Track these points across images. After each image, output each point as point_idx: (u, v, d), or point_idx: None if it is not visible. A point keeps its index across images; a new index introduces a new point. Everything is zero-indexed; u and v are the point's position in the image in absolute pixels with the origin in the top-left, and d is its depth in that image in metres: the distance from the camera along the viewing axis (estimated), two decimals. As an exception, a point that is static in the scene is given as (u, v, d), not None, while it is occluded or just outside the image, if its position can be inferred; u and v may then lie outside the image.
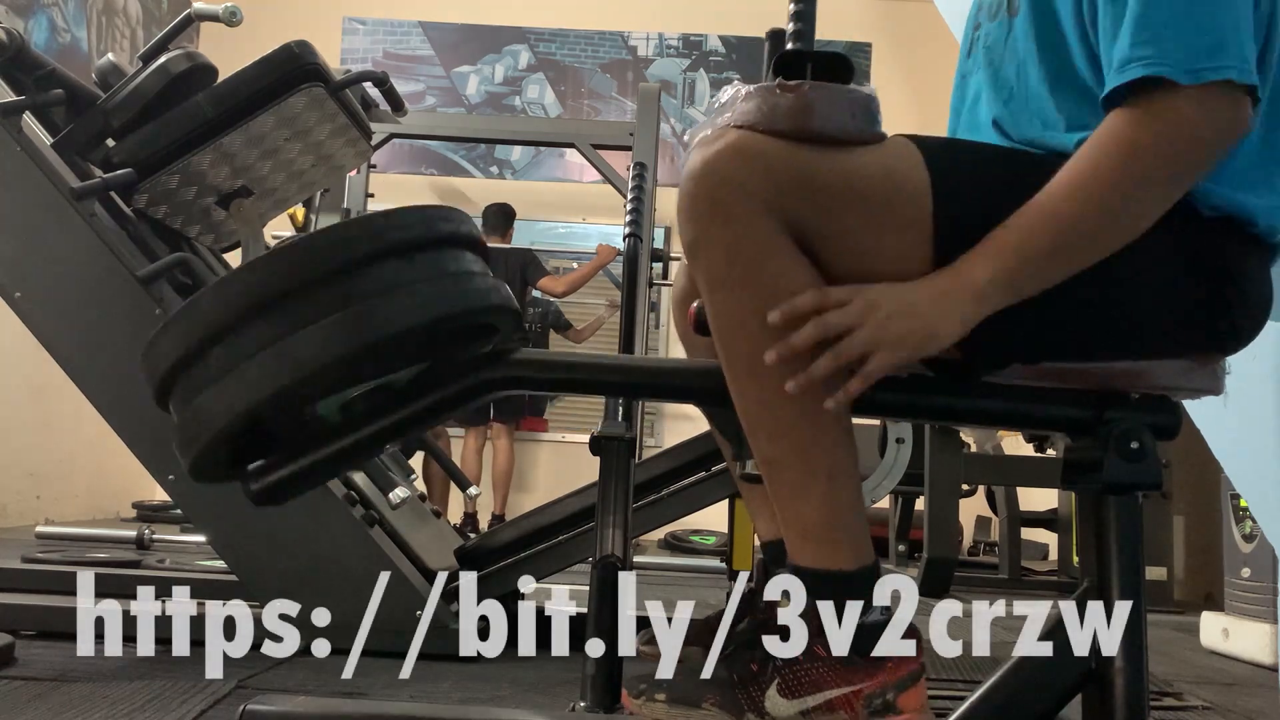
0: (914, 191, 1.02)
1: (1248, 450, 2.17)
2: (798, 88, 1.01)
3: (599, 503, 1.71)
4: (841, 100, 1.02)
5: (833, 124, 1.01)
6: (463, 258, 1.11)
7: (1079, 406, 1.12)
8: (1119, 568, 1.08)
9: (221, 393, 1.02)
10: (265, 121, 2.24)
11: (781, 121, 1.00)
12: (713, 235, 1.01)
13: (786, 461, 1.05)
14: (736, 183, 1.00)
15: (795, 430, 1.04)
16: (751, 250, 1.01)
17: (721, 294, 1.03)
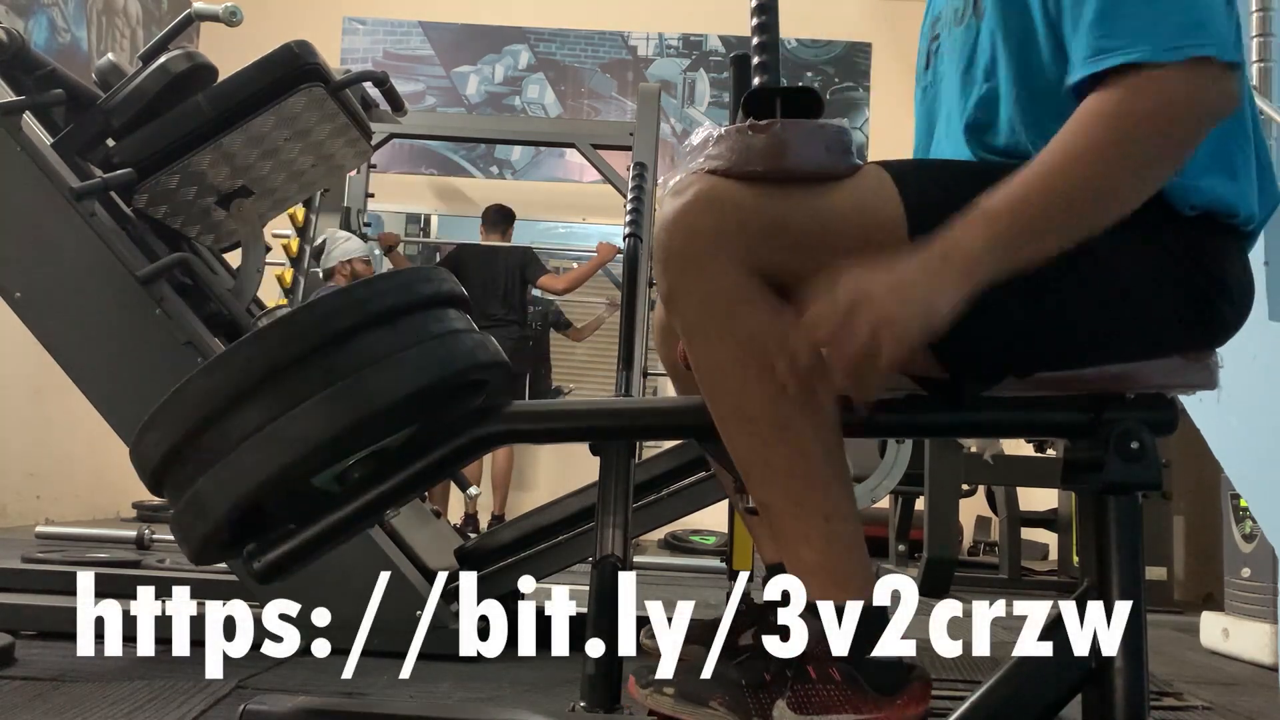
0: (888, 222, 1.02)
1: (1248, 450, 2.17)
2: (769, 127, 1.00)
3: (599, 503, 1.71)
4: (815, 136, 1.01)
5: (807, 160, 1.00)
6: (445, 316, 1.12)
7: (1076, 411, 1.12)
8: (1119, 568, 1.08)
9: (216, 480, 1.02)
10: (265, 121, 2.24)
11: (756, 162, 0.99)
12: (687, 287, 1.01)
13: (782, 507, 1.05)
14: (709, 234, 0.99)
15: (788, 475, 1.04)
16: (725, 301, 1.00)
17: (700, 344, 1.04)
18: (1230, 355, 1.15)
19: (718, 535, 5.06)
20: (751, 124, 1.01)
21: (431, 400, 1.12)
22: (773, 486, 1.05)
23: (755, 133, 1.00)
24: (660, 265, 1.03)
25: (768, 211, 1.00)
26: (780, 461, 1.03)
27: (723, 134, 1.02)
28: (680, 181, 1.03)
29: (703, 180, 1.01)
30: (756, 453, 1.04)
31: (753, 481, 1.06)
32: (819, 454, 1.04)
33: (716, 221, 0.99)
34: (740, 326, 1.01)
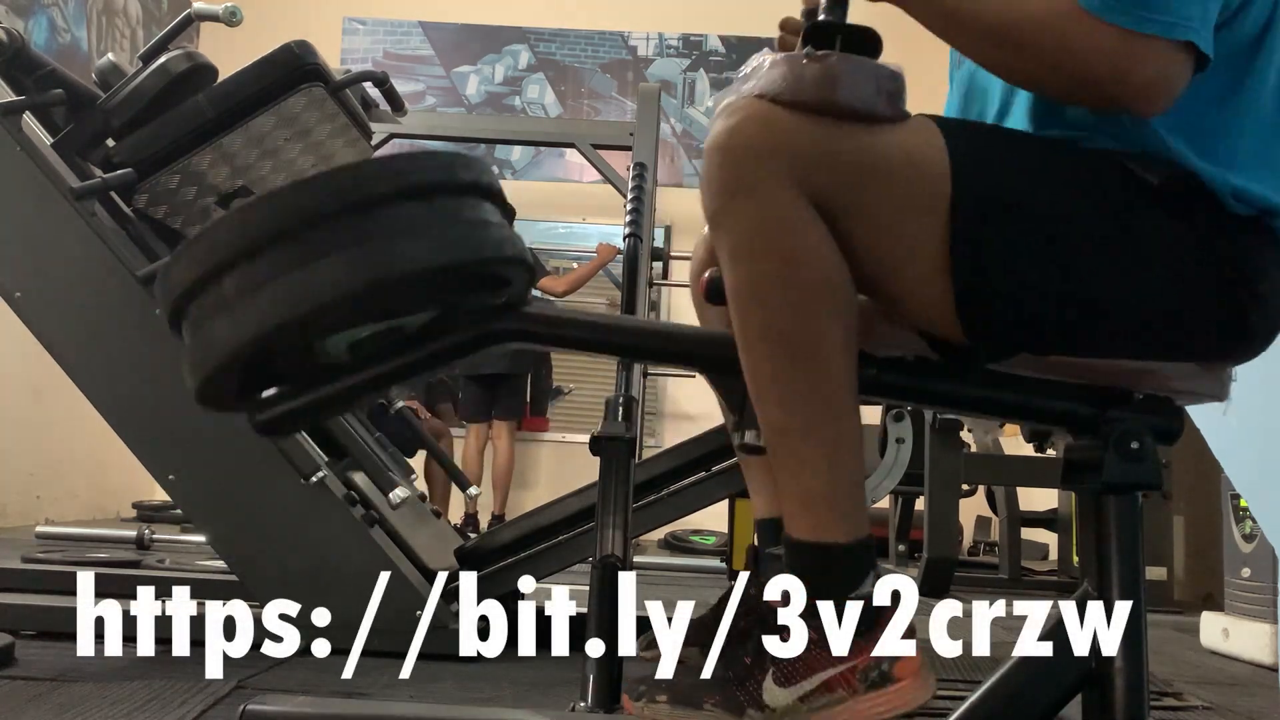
0: (934, 175, 1.03)
1: (1248, 450, 2.17)
2: (825, 58, 1.01)
3: (599, 503, 1.71)
4: (868, 74, 1.02)
5: (857, 98, 1.01)
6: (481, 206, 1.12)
7: (1081, 403, 1.12)
8: (1119, 568, 1.08)
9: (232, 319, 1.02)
10: (265, 121, 2.24)
11: (807, 91, 1.00)
12: (736, 206, 1.02)
13: (794, 431, 1.05)
14: (759, 155, 1.00)
15: (805, 400, 1.04)
16: (774, 222, 1.01)
17: (744, 265, 1.03)
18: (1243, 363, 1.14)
19: (718, 535, 5.06)
20: (808, 53, 1.01)
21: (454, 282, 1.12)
22: (790, 407, 1.04)
23: (810, 62, 1.01)
24: (709, 185, 1.03)
25: (818, 140, 1.00)
26: (802, 382, 1.03)
27: (777, 60, 1.03)
28: (731, 103, 1.03)
29: (754, 104, 1.01)
30: (781, 371, 1.04)
31: (770, 402, 1.06)
32: (841, 379, 1.04)
33: (767, 140, 1.00)
34: (787, 243, 1.01)
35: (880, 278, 1.06)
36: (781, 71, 1.01)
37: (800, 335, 1.02)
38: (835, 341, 1.03)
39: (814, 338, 1.02)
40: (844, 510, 1.05)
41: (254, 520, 2.20)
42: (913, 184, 1.02)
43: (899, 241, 1.03)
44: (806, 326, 1.02)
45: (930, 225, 1.02)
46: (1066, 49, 1.00)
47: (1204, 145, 1.06)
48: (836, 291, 1.03)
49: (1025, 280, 1.03)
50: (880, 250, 1.04)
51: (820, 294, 1.02)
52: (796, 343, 1.02)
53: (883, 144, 1.02)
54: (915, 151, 1.03)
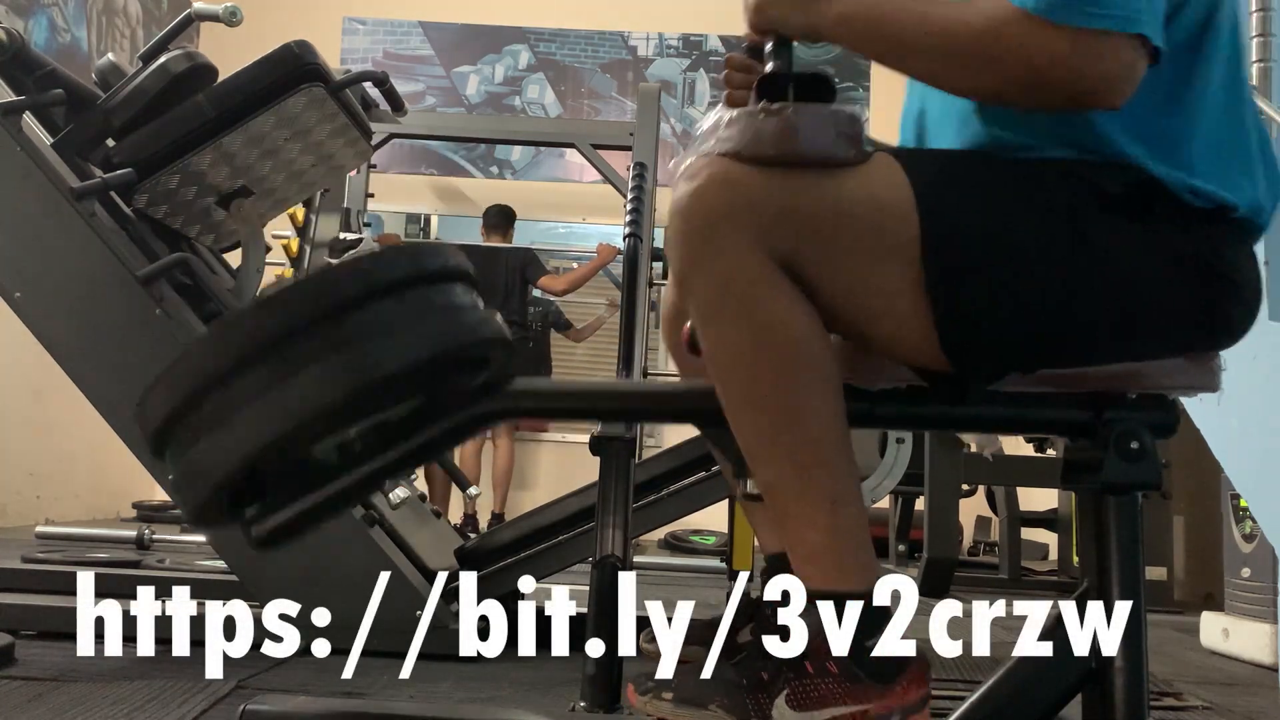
0: (900, 215, 1.02)
1: (1248, 450, 2.17)
2: (781, 111, 1.00)
3: (599, 503, 1.71)
4: (825, 121, 1.02)
5: (819, 146, 1.01)
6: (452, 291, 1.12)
7: (1077, 409, 1.12)
8: (1119, 568, 1.08)
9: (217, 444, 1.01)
10: (265, 121, 2.24)
11: (767, 146, 1.00)
12: (703, 269, 1.02)
13: (788, 490, 1.05)
14: (724, 216, 1.00)
15: (796, 459, 1.04)
16: (743, 284, 1.01)
17: (714, 328, 1.04)
18: (1230, 355, 1.15)
19: (718, 535, 5.06)
20: (764, 107, 1.01)
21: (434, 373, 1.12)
22: (780, 469, 1.04)
23: (767, 116, 1.00)
24: (674, 247, 1.03)
25: (781, 195, 1.00)
26: (789, 444, 1.03)
27: (734, 117, 1.02)
28: (692, 165, 1.03)
29: (715, 163, 1.01)
30: (765, 435, 1.04)
31: (759, 464, 1.06)
32: (827, 438, 1.04)
33: (730, 202, 1.00)
34: (755, 309, 1.01)
35: (860, 323, 1.06)
36: (740, 128, 1.01)
37: (780, 399, 1.02)
38: (817, 398, 1.03)
39: (794, 400, 1.02)
40: (850, 562, 1.05)
41: (254, 520, 2.19)
42: (879, 227, 1.02)
43: (873, 287, 1.03)
44: (783, 392, 1.02)
45: (902, 267, 1.02)
46: (1018, 56, 0.99)
47: (1159, 148, 1.06)
48: (812, 352, 1.03)
49: (1003, 304, 1.03)
50: (855, 298, 1.04)
51: (794, 358, 1.02)
52: (776, 407, 1.02)
53: (846, 192, 1.02)
54: (879, 195, 1.03)
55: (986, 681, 1.12)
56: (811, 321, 1.03)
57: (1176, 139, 1.07)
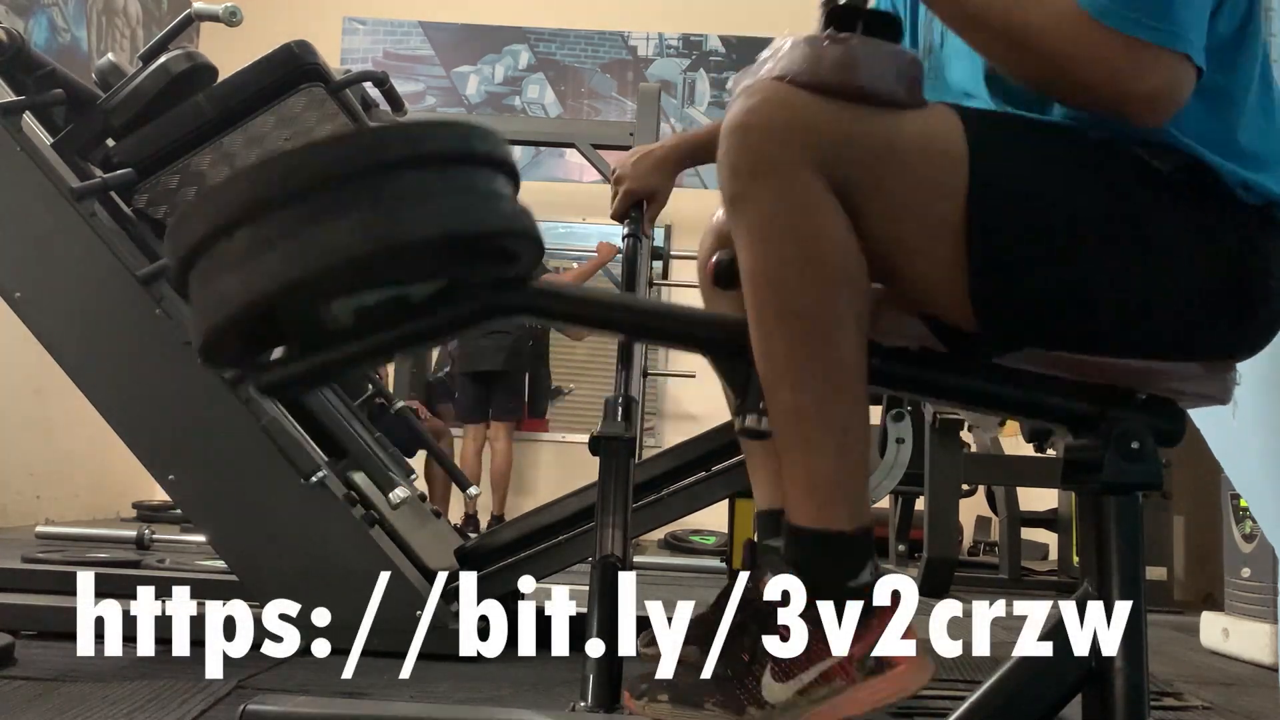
0: (952, 159, 1.03)
1: (1248, 450, 2.17)
2: (845, 41, 1.01)
3: (599, 503, 1.71)
4: (888, 59, 1.02)
5: (878, 82, 1.01)
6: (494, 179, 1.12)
7: (1083, 401, 1.11)
8: (1119, 568, 1.08)
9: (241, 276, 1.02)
10: (265, 121, 2.24)
11: (827, 74, 1.00)
12: (755, 189, 1.02)
13: (805, 412, 1.04)
14: (778, 137, 1.00)
15: (819, 382, 1.04)
16: (793, 203, 1.01)
17: (762, 246, 1.03)
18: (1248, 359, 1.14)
19: (718, 535, 5.06)
20: (829, 35, 1.01)
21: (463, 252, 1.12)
22: (802, 389, 1.04)
23: (831, 43, 1.00)
24: (728, 168, 1.03)
25: (838, 121, 1.00)
26: (816, 363, 1.03)
27: (798, 41, 1.02)
28: (750, 85, 1.03)
29: (774, 86, 1.01)
30: (794, 353, 1.04)
31: (781, 383, 1.05)
32: (854, 362, 1.04)
33: (788, 122, 1.00)
34: (806, 226, 1.01)
35: (895, 262, 1.06)
36: (802, 53, 1.01)
37: (816, 315, 1.02)
38: (850, 325, 1.03)
39: (830, 320, 1.02)
40: (849, 497, 1.05)
41: (254, 520, 2.20)
42: (931, 168, 1.03)
43: (915, 225, 1.04)
44: (823, 307, 1.02)
45: (947, 210, 1.03)
46: (1070, 55, 1.00)
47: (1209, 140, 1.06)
48: (853, 276, 1.03)
49: (1039, 269, 1.04)
50: (896, 234, 1.04)
51: (838, 277, 1.02)
52: (812, 323, 1.02)
53: (902, 128, 1.03)
54: (934, 136, 1.03)
55: (986, 681, 1.12)
56: (856, 248, 1.03)
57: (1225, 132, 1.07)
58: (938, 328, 1.11)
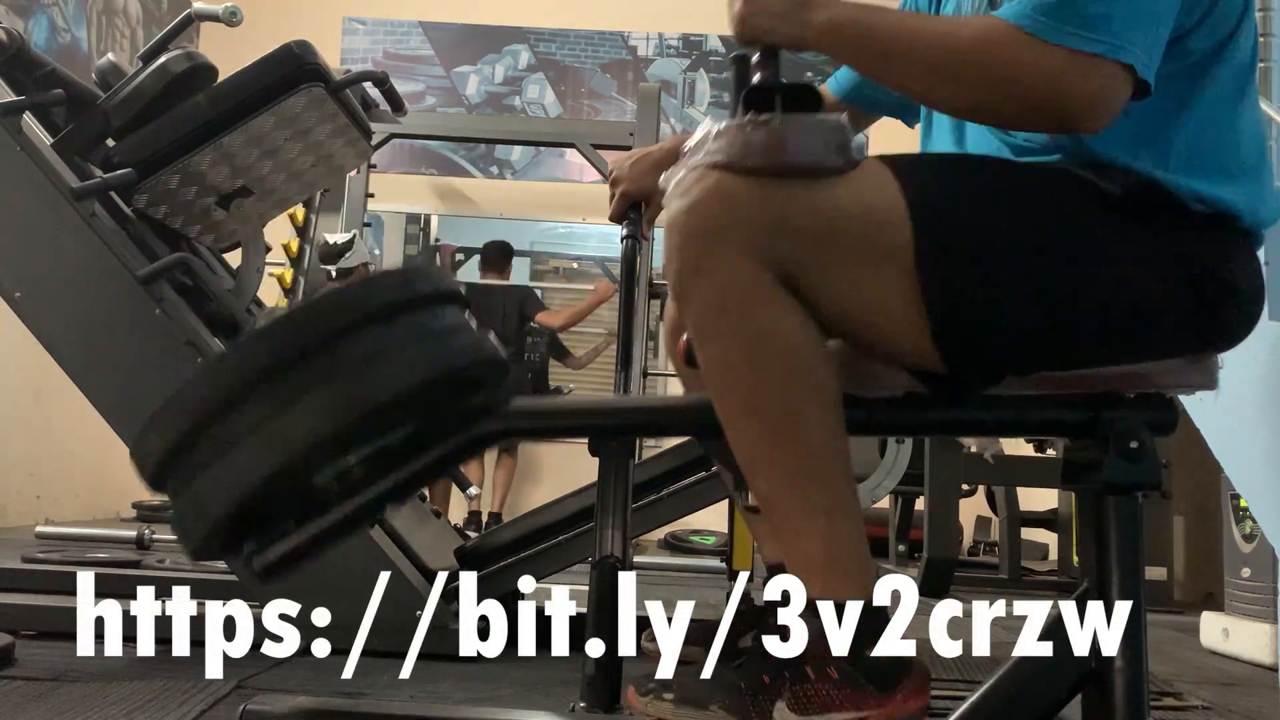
0: (892, 222, 1.02)
1: (1248, 450, 2.17)
2: (768, 122, 1.00)
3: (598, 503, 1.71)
4: (813, 131, 1.01)
5: (807, 156, 1.01)
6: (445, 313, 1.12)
7: (1076, 410, 1.12)
8: (1119, 568, 1.08)
9: (215, 480, 1.01)
10: (265, 121, 2.24)
11: (755, 157, 1.00)
12: (699, 283, 1.02)
13: (785, 502, 1.05)
14: (718, 230, 1.00)
15: (790, 473, 1.04)
16: (738, 296, 1.01)
17: (711, 343, 1.04)
18: (1230, 355, 1.15)
19: (718, 535, 5.06)
20: (751, 119, 1.01)
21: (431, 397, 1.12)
22: (777, 481, 1.04)
23: (755, 128, 1.00)
24: (671, 262, 1.03)
25: (774, 207, 1.00)
26: (786, 456, 1.03)
27: (723, 129, 1.02)
28: (685, 179, 1.03)
29: (708, 176, 1.01)
30: (762, 447, 1.04)
31: (757, 476, 1.06)
32: (824, 449, 1.04)
33: (726, 215, 1.00)
34: (751, 321, 1.01)
35: (856, 329, 1.06)
36: (728, 140, 1.01)
37: (776, 409, 1.02)
38: (814, 409, 1.03)
39: (791, 410, 1.02)
40: (848, 572, 1.05)
41: (254, 520, 2.19)
42: (872, 235, 1.02)
43: (868, 292, 1.03)
44: (782, 400, 1.02)
45: (895, 271, 1.02)
46: (1009, 74, 1.00)
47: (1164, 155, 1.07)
48: (808, 363, 1.03)
49: (999, 307, 1.03)
50: (851, 305, 1.04)
51: (791, 368, 1.02)
52: (774, 416, 1.02)
53: (838, 199, 1.02)
54: (870, 201, 1.03)
55: (986, 681, 1.12)
56: (808, 332, 1.03)
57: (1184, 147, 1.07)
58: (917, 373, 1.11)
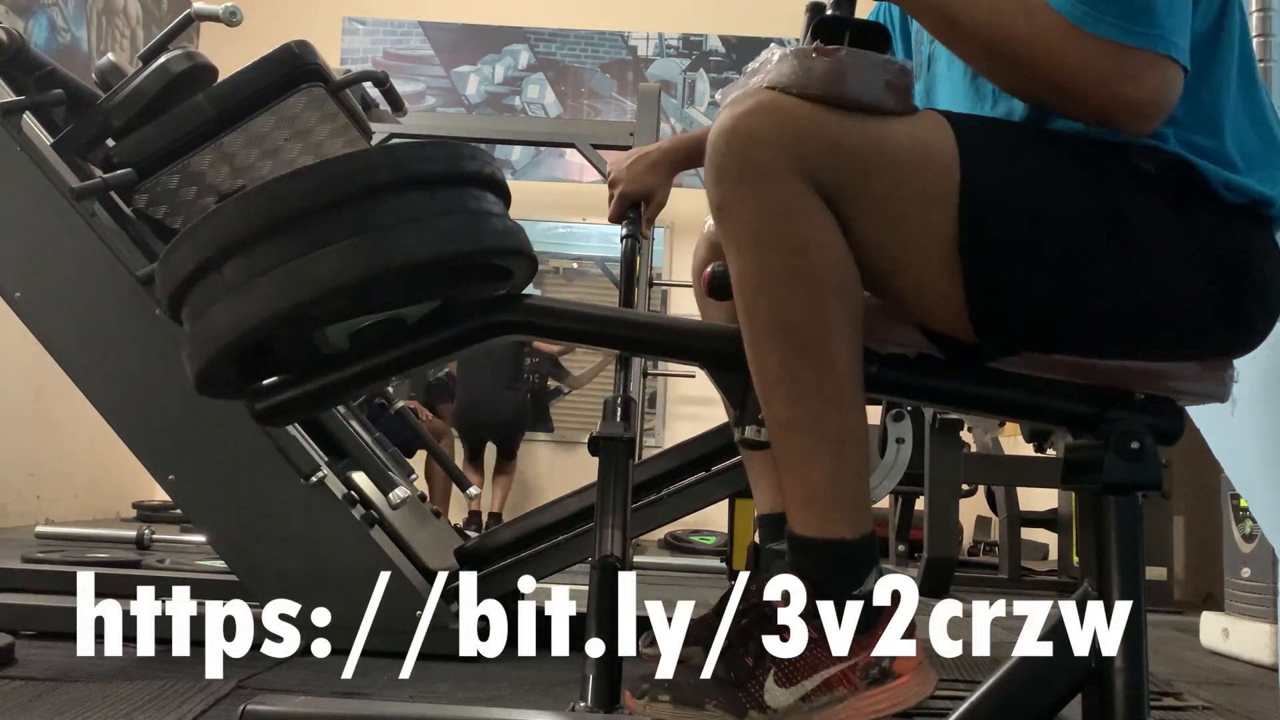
0: (942, 164, 1.02)
1: (1247, 450, 2.17)
2: (834, 53, 1.00)
3: (598, 503, 1.71)
4: (876, 69, 1.01)
5: (866, 92, 1.00)
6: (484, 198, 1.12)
7: (1082, 402, 1.11)
8: (1119, 568, 1.08)
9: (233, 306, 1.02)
10: (265, 121, 2.24)
11: (815, 86, 0.99)
12: (742, 196, 1.00)
13: (800, 425, 1.04)
14: (766, 142, 0.99)
15: (812, 393, 1.03)
16: (781, 211, 1.00)
17: (750, 255, 1.02)
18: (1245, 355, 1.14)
19: (718, 535, 5.06)
20: (817, 47, 1.01)
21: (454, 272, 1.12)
22: (796, 401, 1.03)
23: (819, 56, 1.00)
24: (714, 174, 1.02)
25: (827, 128, 1.00)
26: (810, 375, 1.02)
27: (785, 54, 1.02)
28: (739, 94, 1.02)
29: (761, 93, 1.00)
30: (788, 366, 1.02)
31: (776, 396, 1.04)
32: (849, 374, 1.03)
33: (777, 130, 0.99)
34: (794, 234, 1.00)
35: (887, 272, 1.06)
36: (790, 65, 1.01)
37: (808, 327, 1.01)
38: (843, 334, 1.02)
39: (822, 330, 1.01)
40: (849, 505, 1.05)
41: (254, 520, 2.19)
42: (921, 173, 1.02)
43: (907, 233, 1.03)
44: (815, 318, 1.01)
45: (938, 216, 1.02)
46: (1056, 65, 1.00)
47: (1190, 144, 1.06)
48: (845, 285, 1.02)
49: (1033, 274, 1.03)
50: (887, 242, 1.03)
51: (829, 285, 1.01)
52: (804, 335, 1.01)
53: (891, 133, 1.02)
54: (923, 141, 1.03)
55: (986, 681, 1.12)
56: (847, 255, 1.02)
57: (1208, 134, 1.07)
58: (934, 335, 1.11)
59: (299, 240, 1.01)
